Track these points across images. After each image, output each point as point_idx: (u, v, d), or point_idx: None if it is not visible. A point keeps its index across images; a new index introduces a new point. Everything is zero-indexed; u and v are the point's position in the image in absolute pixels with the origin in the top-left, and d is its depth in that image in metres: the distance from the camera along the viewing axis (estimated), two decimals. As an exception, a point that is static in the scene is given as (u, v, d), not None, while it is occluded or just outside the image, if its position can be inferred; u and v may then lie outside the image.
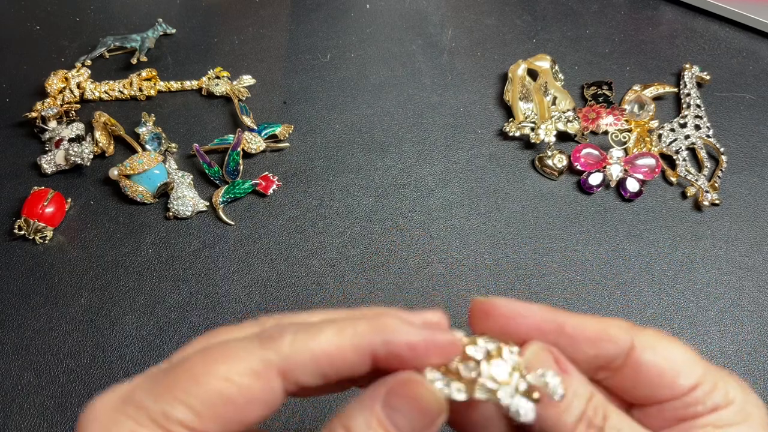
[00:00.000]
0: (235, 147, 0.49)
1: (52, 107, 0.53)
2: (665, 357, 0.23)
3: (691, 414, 0.23)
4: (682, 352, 0.23)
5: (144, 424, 0.19)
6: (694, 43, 0.59)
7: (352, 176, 0.50)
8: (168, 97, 0.56)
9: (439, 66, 0.58)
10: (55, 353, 0.41)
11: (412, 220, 0.47)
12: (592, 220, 0.47)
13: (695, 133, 0.51)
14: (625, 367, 0.24)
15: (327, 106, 0.55)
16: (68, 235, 0.47)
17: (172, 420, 0.19)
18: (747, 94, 0.55)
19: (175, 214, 0.47)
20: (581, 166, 0.49)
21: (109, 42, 0.59)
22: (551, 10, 0.63)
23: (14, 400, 0.39)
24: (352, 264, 0.44)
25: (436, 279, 0.44)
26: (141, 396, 0.20)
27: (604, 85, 0.55)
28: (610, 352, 0.23)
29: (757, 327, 0.41)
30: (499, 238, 0.46)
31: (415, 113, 0.54)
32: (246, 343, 0.21)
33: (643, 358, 0.23)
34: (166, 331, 0.42)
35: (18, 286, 0.44)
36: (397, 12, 0.64)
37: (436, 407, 0.21)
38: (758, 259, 0.44)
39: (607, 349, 0.23)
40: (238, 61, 0.59)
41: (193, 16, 0.64)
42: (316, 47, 0.60)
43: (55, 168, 0.50)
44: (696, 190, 0.47)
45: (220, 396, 0.20)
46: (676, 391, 0.23)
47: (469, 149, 0.51)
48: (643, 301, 0.42)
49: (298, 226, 0.47)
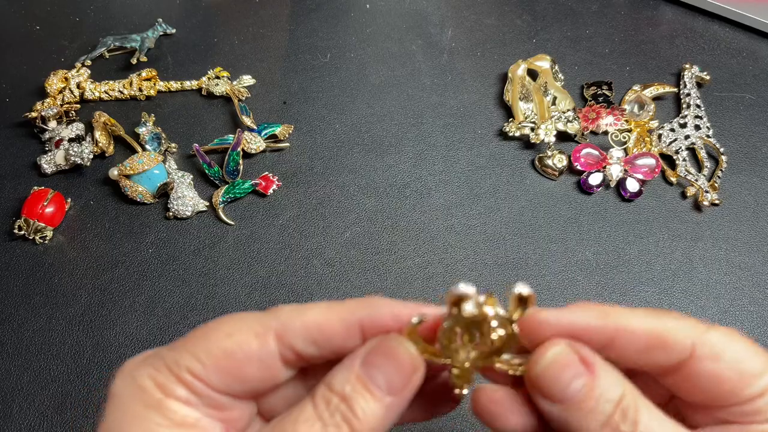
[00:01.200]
0: (235, 147, 0.49)
1: (52, 107, 0.53)
2: (732, 366, 0.21)
3: (746, 420, 0.22)
4: (753, 357, 0.22)
5: (160, 370, 0.23)
6: (694, 43, 0.59)
7: (352, 176, 0.50)
8: (168, 97, 0.56)
9: (439, 66, 0.58)
10: (55, 353, 0.41)
11: (412, 220, 0.47)
12: (592, 220, 0.47)
13: (695, 133, 0.51)
14: (682, 371, 0.22)
15: (327, 106, 0.55)
16: (68, 235, 0.47)
17: (181, 367, 0.23)
18: (747, 94, 0.55)
19: (175, 214, 0.47)
20: (581, 166, 0.49)
21: (109, 42, 0.59)
22: (551, 10, 0.63)
23: (14, 400, 0.39)
24: (352, 264, 0.44)
25: (436, 279, 0.44)
26: (160, 350, 0.24)
27: (604, 85, 0.55)
28: (662, 361, 0.22)
29: (757, 327, 0.41)
30: (499, 238, 0.46)
31: (415, 113, 0.54)
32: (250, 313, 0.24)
33: (704, 367, 0.21)
34: (166, 331, 0.42)
35: (18, 286, 0.44)
36: (397, 12, 0.64)
37: (411, 362, 0.23)
38: (758, 259, 0.44)
39: (659, 358, 0.22)
40: (238, 61, 0.59)
41: (193, 16, 0.64)
42: (316, 47, 0.60)
43: (55, 168, 0.50)
44: (696, 190, 0.47)
45: (222, 349, 0.23)
46: (739, 399, 0.22)
47: (469, 149, 0.51)
48: (643, 301, 0.42)
49: (298, 226, 0.47)
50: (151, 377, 0.23)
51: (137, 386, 0.23)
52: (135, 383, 0.23)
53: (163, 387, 0.23)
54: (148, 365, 0.24)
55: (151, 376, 0.23)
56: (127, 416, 0.23)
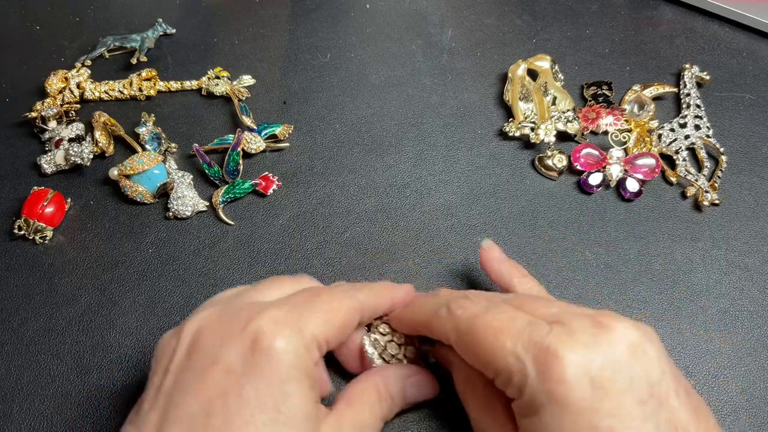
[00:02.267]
0: (235, 147, 0.49)
1: (52, 107, 0.53)
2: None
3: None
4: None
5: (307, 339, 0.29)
6: (694, 43, 0.59)
7: (352, 176, 0.50)
8: (168, 97, 0.56)
9: (439, 66, 0.58)
10: (55, 353, 0.41)
11: (412, 220, 0.47)
12: (592, 220, 0.47)
13: (695, 133, 0.51)
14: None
15: (327, 106, 0.55)
16: (68, 235, 0.47)
17: (321, 336, 0.30)
18: (747, 94, 0.55)
19: (175, 214, 0.47)
20: (581, 166, 0.49)
21: (109, 42, 0.59)
22: (551, 10, 0.63)
23: (14, 400, 0.39)
24: (352, 264, 0.44)
25: (436, 279, 0.44)
26: (292, 317, 0.30)
27: (604, 85, 0.55)
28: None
29: (757, 327, 0.41)
30: (499, 238, 0.46)
31: (415, 113, 0.54)
32: (340, 286, 0.34)
33: None
34: (166, 331, 0.41)
35: (18, 286, 0.44)
36: (397, 12, 0.64)
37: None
38: (758, 259, 0.44)
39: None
40: (238, 61, 0.59)
41: (193, 16, 0.64)
42: (316, 47, 0.60)
43: (55, 168, 0.50)
44: (696, 190, 0.47)
45: (342, 322, 0.32)
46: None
47: (469, 149, 0.51)
48: (643, 301, 0.42)
49: (298, 226, 0.47)
50: (304, 347, 0.29)
51: (296, 355, 0.28)
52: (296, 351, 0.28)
53: (311, 354, 0.29)
54: (300, 335, 0.29)
55: (304, 345, 0.29)
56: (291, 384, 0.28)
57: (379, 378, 0.33)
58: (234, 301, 0.31)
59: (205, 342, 0.29)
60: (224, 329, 0.29)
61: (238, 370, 0.27)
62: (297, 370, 0.28)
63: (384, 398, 0.33)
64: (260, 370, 0.27)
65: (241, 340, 0.28)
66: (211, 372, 0.27)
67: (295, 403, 0.27)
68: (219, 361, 0.28)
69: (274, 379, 0.27)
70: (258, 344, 0.28)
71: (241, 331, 0.28)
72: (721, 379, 0.39)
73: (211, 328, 0.29)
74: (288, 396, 0.27)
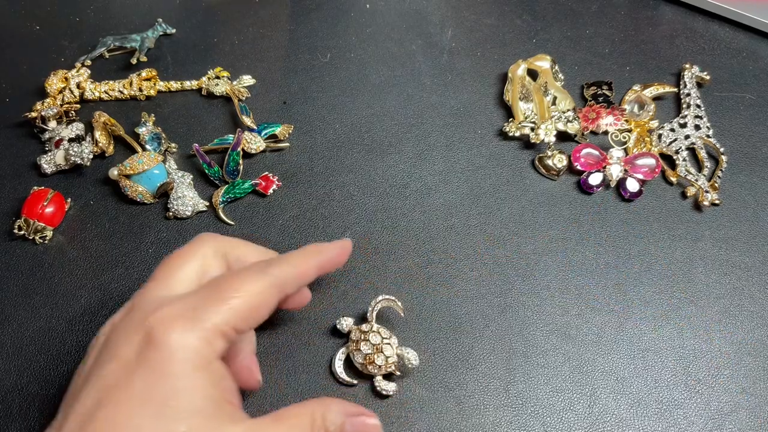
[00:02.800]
0: (235, 147, 0.49)
1: (52, 107, 0.53)
2: None
3: None
4: None
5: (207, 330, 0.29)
6: (694, 43, 0.59)
7: (352, 176, 0.50)
8: (168, 97, 0.56)
9: (439, 66, 0.58)
10: (55, 353, 0.41)
11: (412, 220, 0.47)
12: (592, 220, 0.47)
13: (695, 133, 0.51)
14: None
15: (327, 106, 0.55)
16: (68, 235, 0.47)
17: (225, 324, 0.29)
18: (747, 94, 0.55)
19: (175, 214, 0.47)
20: (581, 166, 0.49)
21: (109, 42, 0.59)
22: (551, 10, 0.63)
23: (14, 400, 0.39)
24: (351, 264, 0.44)
25: (436, 279, 0.44)
26: (190, 309, 0.29)
27: (604, 85, 0.55)
28: None
29: (757, 327, 0.41)
30: (499, 238, 0.46)
31: (415, 113, 0.54)
32: (252, 267, 0.32)
33: None
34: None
35: (18, 286, 0.44)
36: (397, 12, 0.64)
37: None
38: (758, 259, 0.44)
39: None
40: (238, 61, 0.59)
41: (193, 16, 0.64)
42: (316, 47, 0.60)
43: (55, 168, 0.50)
44: (696, 190, 0.47)
45: (253, 304, 0.30)
46: None
47: (469, 149, 0.51)
48: (643, 301, 0.42)
49: (298, 226, 0.47)
50: (203, 339, 0.28)
51: (191, 349, 0.28)
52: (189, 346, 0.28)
53: (213, 346, 0.28)
54: (196, 328, 0.28)
55: (203, 338, 0.28)
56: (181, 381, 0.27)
57: (319, 407, 0.31)
58: (141, 297, 0.31)
59: (111, 340, 0.30)
60: (127, 326, 0.30)
61: (132, 364, 0.28)
62: (192, 364, 0.27)
63: (317, 428, 0.30)
64: (152, 364, 0.27)
65: (137, 335, 0.28)
66: (108, 366, 0.28)
67: (187, 398, 0.27)
68: (116, 356, 0.28)
69: (165, 373, 0.27)
70: (152, 339, 0.28)
71: (138, 327, 0.29)
72: (721, 379, 0.39)
73: (119, 326, 0.30)
74: (178, 391, 0.27)
